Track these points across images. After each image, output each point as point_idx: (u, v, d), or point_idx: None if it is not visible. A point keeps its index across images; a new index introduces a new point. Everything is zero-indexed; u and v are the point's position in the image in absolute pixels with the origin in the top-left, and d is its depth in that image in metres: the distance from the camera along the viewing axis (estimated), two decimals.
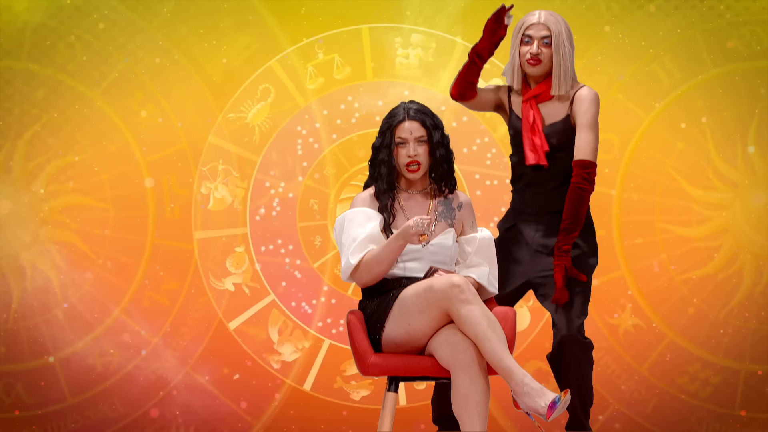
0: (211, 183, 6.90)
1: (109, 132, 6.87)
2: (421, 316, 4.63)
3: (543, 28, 4.99)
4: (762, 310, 6.82)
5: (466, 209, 4.90)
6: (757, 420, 6.79)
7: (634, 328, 6.81)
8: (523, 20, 5.01)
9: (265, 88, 6.91)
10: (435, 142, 4.80)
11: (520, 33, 5.01)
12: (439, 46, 6.88)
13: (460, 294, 4.53)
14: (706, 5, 6.83)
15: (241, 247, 6.92)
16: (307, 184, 6.94)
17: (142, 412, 6.84)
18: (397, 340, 4.70)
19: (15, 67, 6.85)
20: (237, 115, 6.90)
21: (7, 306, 6.81)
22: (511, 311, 4.78)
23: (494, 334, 4.49)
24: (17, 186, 6.84)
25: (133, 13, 6.87)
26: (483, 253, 4.85)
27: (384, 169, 4.79)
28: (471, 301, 4.53)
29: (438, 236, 4.81)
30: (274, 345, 6.89)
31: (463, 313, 4.53)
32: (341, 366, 6.88)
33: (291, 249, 6.93)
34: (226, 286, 6.89)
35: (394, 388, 4.72)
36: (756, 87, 6.79)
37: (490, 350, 4.48)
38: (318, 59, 6.91)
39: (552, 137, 5.00)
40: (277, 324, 6.90)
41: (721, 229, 6.84)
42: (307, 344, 6.90)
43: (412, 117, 4.80)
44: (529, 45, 5.00)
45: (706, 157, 6.82)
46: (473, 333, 4.51)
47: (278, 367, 6.88)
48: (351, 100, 6.92)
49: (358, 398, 6.85)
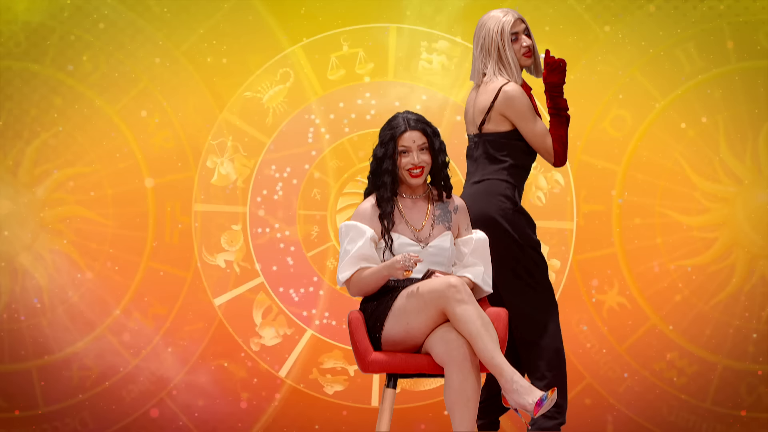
0: (218, 158, 6.91)
1: (109, 132, 6.87)
2: (419, 315, 4.82)
3: (521, 21, 5.33)
4: (747, 310, 6.83)
5: (462, 212, 5.11)
6: (757, 420, 6.79)
7: (619, 307, 6.83)
8: (501, 22, 5.30)
9: (285, 72, 6.92)
10: (436, 149, 5.04)
11: (506, 33, 5.29)
12: (464, 55, 6.89)
13: (456, 294, 4.74)
14: (706, 5, 6.84)
15: (238, 226, 6.93)
16: (312, 173, 6.95)
17: (142, 412, 6.84)
18: (396, 339, 4.88)
19: (15, 67, 6.85)
20: (253, 95, 6.91)
21: (7, 306, 6.81)
22: (504, 311, 4.93)
23: (487, 333, 4.70)
24: (17, 186, 6.85)
25: (133, 13, 6.87)
26: (478, 253, 5.05)
27: (387, 178, 5.00)
28: (466, 301, 4.74)
29: (436, 238, 5.03)
30: (256, 327, 6.90)
31: (458, 312, 4.73)
32: (319, 358, 6.89)
33: (287, 235, 6.94)
34: (217, 262, 6.90)
35: (392, 384, 4.90)
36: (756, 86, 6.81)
37: (482, 348, 4.68)
38: (342, 51, 6.92)
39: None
40: (262, 307, 6.91)
41: (720, 221, 6.85)
42: (289, 331, 6.90)
43: (413, 127, 5.01)
44: (518, 41, 5.31)
45: (716, 149, 6.83)
46: (467, 331, 4.71)
47: (257, 349, 6.89)
48: (368, 97, 6.94)
49: (331, 392, 6.86)
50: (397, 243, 4.96)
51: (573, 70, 6.80)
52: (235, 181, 6.92)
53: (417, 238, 5.01)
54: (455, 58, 6.90)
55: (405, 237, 4.98)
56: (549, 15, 6.84)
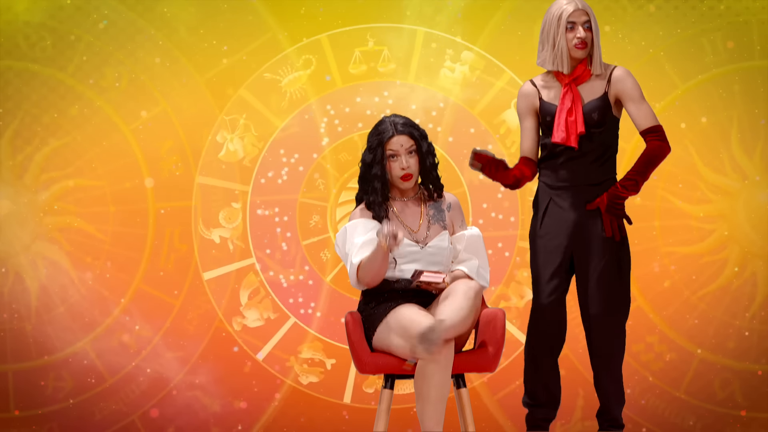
0: (229, 134, 6.91)
1: (109, 132, 6.88)
2: (400, 340, 4.87)
3: (583, 13, 5.26)
4: (732, 306, 6.83)
5: (455, 209, 5.16)
6: (757, 420, 6.79)
7: None
8: (561, 9, 5.25)
9: (308, 59, 6.92)
10: (424, 151, 5.08)
11: (563, 21, 5.24)
12: (486, 69, 6.89)
13: (437, 354, 4.72)
14: (706, 5, 6.84)
15: (238, 204, 6.93)
16: (319, 163, 6.95)
17: (142, 412, 6.85)
18: (384, 348, 4.98)
19: (15, 67, 6.86)
20: (273, 77, 6.92)
21: (7, 306, 6.82)
22: (500, 312, 4.96)
23: (437, 404, 4.73)
24: (16, 186, 6.85)
25: (133, 13, 6.87)
26: (471, 249, 5.10)
27: (378, 183, 5.05)
28: (439, 362, 4.74)
29: (434, 239, 5.07)
30: (240, 307, 6.91)
31: (427, 370, 4.74)
32: (299, 347, 6.90)
33: (285, 220, 6.94)
34: (212, 237, 6.91)
35: (389, 385, 4.93)
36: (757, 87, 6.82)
37: (428, 417, 4.74)
38: (367, 47, 6.92)
39: (593, 112, 5.26)
40: (249, 288, 6.92)
41: (719, 214, 6.85)
42: (273, 316, 6.91)
43: (400, 131, 5.05)
44: (574, 31, 5.24)
45: (727, 143, 6.83)
46: (422, 392, 4.74)
47: (239, 329, 6.90)
48: (386, 96, 6.94)
49: (305, 382, 6.87)
50: None
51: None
52: (242, 159, 6.93)
53: (415, 239, 5.04)
54: (478, 70, 6.89)
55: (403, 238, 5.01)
56: None
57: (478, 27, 6.90)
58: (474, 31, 6.90)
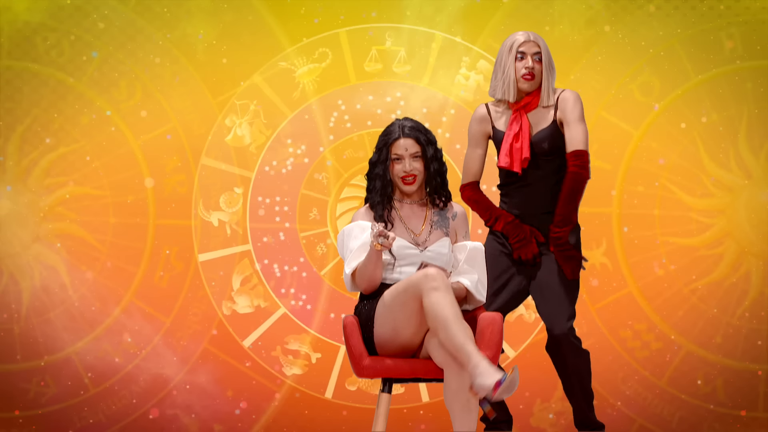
0: (238, 119, 6.92)
1: (108, 131, 6.88)
2: (404, 310, 4.84)
3: (534, 45, 5.36)
4: (724, 302, 6.84)
5: (460, 219, 5.16)
6: (757, 420, 6.79)
7: (601, 267, 6.84)
8: (513, 39, 5.36)
9: (324, 52, 6.93)
10: (429, 156, 5.08)
11: (513, 50, 5.35)
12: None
13: (432, 282, 4.74)
14: (706, 5, 6.83)
15: (240, 189, 6.94)
16: (325, 157, 6.96)
17: (142, 412, 6.85)
18: (387, 338, 4.91)
19: (15, 67, 6.86)
20: (288, 66, 6.92)
21: (7, 306, 6.83)
22: (498, 316, 4.96)
23: (457, 320, 4.69)
24: (16, 186, 6.86)
25: (133, 13, 6.88)
26: (472, 261, 5.10)
27: (378, 183, 5.08)
28: (440, 289, 4.74)
29: (434, 243, 5.07)
30: (232, 292, 6.92)
31: (431, 299, 4.73)
32: (285, 338, 6.90)
33: (286, 210, 6.95)
34: (211, 219, 6.92)
35: (387, 389, 4.91)
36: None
37: (453, 335, 4.67)
38: (384, 46, 6.92)
39: (543, 142, 5.35)
40: (243, 273, 6.93)
41: (720, 209, 6.85)
42: (263, 304, 6.92)
43: (407, 134, 5.07)
44: (523, 61, 5.34)
45: (735, 139, 6.84)
46: (438, 317, 4.71)
47: (228, 313, 6.90)
48: (399, 96, 6.95)
49: (289, 374, 6.88)
50: (396, 245, 5.00)
51: (573, 69, 6.82)
52: (249, 145, 6.94)
53: (415, 242, 5.05)
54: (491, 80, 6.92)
55: (403, 240, 5.03)
56: (549, 15, 6.84)
57: (478, 27, 6.90)
58: (474, 30, 6.90)
